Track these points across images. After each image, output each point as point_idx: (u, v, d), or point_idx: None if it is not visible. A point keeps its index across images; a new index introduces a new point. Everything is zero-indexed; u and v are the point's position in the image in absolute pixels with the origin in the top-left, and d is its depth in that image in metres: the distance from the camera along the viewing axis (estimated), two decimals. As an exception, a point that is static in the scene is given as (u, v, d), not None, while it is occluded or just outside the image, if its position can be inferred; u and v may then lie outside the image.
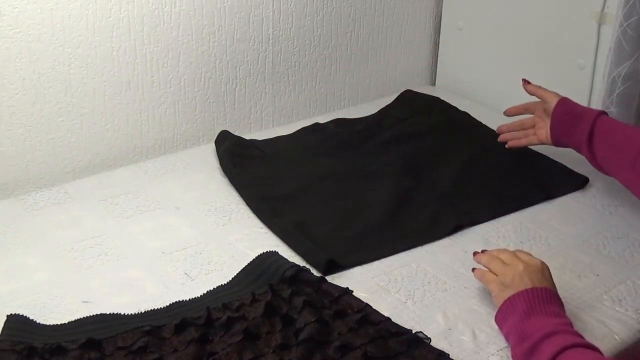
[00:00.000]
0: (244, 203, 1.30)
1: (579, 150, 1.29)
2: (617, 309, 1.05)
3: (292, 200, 1.30)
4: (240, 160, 1.42)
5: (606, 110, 1.46)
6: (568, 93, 1.57)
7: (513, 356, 0.93)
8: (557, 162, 1.43)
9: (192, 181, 1.38)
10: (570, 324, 0.93)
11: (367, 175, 1.39)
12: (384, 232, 1.22)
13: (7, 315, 0.96)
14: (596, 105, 1.49)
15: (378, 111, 1.67)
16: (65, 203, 1.29)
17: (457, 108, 1.66)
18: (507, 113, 1.42)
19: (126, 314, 0.98)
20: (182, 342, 0.93)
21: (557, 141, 1.32)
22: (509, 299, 0.96)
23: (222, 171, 1.40)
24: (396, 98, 1.70)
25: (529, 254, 1.03)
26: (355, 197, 1.32)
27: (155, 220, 1.25)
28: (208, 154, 1.49)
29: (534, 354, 0.89)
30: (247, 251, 1.15)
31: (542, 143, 1.35)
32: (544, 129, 1.34)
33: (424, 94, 1.71)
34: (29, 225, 1.22)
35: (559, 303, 0.97)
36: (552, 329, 0.89)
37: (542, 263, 1.01)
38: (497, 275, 1.01)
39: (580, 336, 0.91)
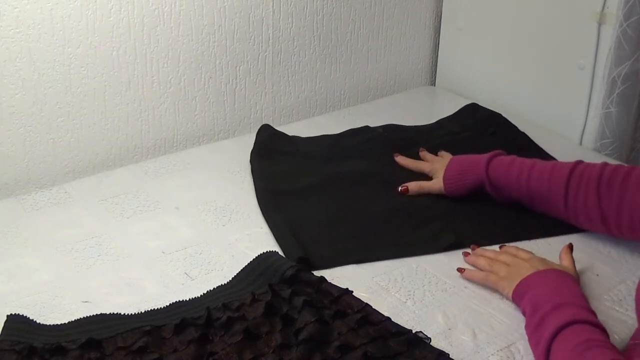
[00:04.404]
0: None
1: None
2: (617, 309, 1.05)
3: (299, 197, 1.30)
4: (269, 153, 1.41)
5: (606, 111, 1.47)
6: (568, 93, 1.57)
7: (525, 327, 0.96)
8: None
9: (192, 181, 1.38)
10: (583, 298, 0.95)
11: (387, 182, 1.35)
12: (373, 240, 1.19)
13: (7, 315, 0.95)
14: (596, 105, 1.49)
15: (436, 121, 1.60)
16: (65, 203, 1.29)
17: (516, 127, 1.55)
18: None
19: (126, 314, 0.98)
20: (182, 342, 0.93)
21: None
22: (524, 279, 1.00)
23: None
24: (458, 110, 1.62)
25: (525, 250, 1.10)
26: (364, 202, 1.29)
27: (155, 220, 1.25)
28: (208, 154, 1.49)
29: (541, 325, 0.91)
30: (247, 251, 1.15)
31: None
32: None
33: (487, 109, 1.61)
34: (29, 225, 1.22)
35: (574, 279, 1.01)
36: (562, 300, 0.92)
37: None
38: (500, 275, 1.05)
39: (591, 312, 0.93)
